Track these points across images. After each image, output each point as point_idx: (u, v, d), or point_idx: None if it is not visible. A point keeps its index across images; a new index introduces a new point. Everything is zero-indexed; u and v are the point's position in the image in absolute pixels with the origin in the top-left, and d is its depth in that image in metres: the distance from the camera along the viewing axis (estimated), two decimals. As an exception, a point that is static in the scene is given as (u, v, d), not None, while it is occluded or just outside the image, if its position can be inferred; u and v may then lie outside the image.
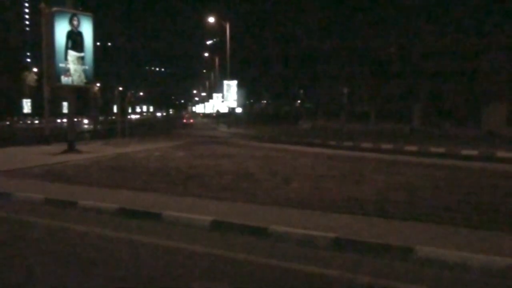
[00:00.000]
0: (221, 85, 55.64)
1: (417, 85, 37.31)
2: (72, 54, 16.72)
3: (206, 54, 78.35)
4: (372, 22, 41.82)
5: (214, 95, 74.83)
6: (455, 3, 36.29)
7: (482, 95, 31.74)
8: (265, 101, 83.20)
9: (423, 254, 5.11)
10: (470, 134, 25.78)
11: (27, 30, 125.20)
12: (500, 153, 15.85)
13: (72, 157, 14.84)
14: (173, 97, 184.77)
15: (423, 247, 5.19)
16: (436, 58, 35.31)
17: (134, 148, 18.41)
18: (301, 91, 66.06)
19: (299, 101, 70.41)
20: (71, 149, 16.60)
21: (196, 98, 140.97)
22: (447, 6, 36.94)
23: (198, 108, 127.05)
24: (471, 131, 27.57)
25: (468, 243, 5.40)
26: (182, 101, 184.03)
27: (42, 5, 18.39)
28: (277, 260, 5.18)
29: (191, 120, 67.09)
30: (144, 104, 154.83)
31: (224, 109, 59.71)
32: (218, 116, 62.66)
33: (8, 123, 60.68)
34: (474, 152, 16.31)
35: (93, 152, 16.67)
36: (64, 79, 16.67)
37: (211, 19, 46.33)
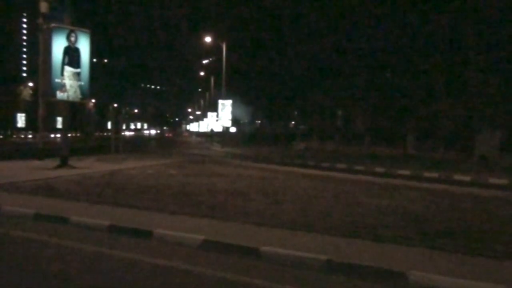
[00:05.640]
0: (216, 104, 55.72)
1: (410, 109, 37.55)
2: (68, 69, 16.78)
3: (202, 73, 78.66)
4: (366, 46, 42.27)
5: (209, 114, 74.84)
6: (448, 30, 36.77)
7: (476, 121, 31.95)
8: (259, 121, 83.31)
9: (416, 279, 5.08)
10: (463, 160, 25.88)
11: (24, 45, 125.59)
12: (493, 180, 15.90)
13: (64, 173, 14.74)
14: (167, 115, 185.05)
15: (416, 272, 5.16)
16: (430, 83, 35.63)
17: (127, 165, 18.32)
18: (296, 112, 66.23)
19: (293, 122, 70.57)
20: (64, 164, 16.50)
21: (191, 117, 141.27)
22: (440, 31, 37.41)
23: (193, 127, 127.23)
24: (464, 157, 27.69)
25: (461, 269, 5.38)
26: (177, 119, 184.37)
27: (40, 20, 18.47)
28: (268, 282, 5.12)
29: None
30: (139, 121, 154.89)
31: (218, 128, 59.66)
32: (212, 135, 62.55)
33: (1, 136, 60.44)
34: (467, 178, 16.35)
35: (86, 168, 16.58)
36: (60, 95, 16.70)
37: (208, 39, 46.67)
